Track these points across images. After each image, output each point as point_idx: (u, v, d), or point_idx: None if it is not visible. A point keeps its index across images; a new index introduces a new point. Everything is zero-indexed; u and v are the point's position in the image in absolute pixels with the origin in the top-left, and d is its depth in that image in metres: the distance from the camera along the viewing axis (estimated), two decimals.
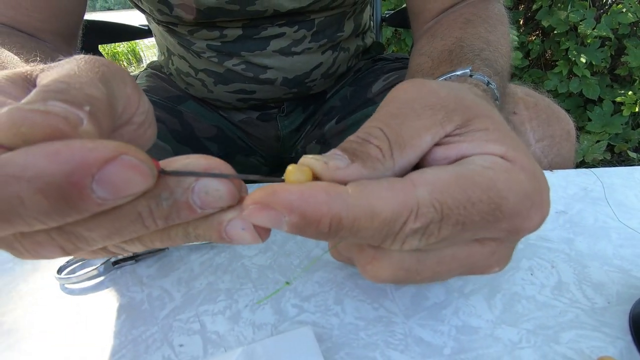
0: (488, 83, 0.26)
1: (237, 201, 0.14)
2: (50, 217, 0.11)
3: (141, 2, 0.48)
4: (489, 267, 0.17)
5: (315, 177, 0.14)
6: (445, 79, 0.26)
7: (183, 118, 0.55)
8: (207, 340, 0.24)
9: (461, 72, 0.25)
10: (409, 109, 0.16)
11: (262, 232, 0.14)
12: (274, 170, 0.66)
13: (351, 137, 0.16)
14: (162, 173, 0.13)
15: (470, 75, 0.25)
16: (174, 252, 0.32)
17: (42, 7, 0.40)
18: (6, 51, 0.32)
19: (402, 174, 0.15)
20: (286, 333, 0.23)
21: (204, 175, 0.13)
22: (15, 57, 0.29)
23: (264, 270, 0.29)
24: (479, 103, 0.17)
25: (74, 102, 0.12)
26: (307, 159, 0.15)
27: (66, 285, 0.29)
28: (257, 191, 0.13)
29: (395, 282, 0.18)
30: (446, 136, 0.16)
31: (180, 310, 0.26)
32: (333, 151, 0.15)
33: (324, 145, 0.58)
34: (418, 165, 0.17)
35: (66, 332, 0.25)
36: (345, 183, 0.14)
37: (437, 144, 0.16)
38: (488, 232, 0.15)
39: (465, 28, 0.36)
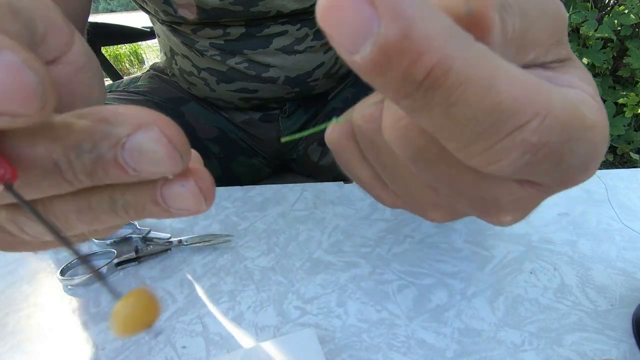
0: None
1: (182, 170, 0.11)
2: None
3: (146, 3, 0.49)
4: (503, 217, 0.14)
5: None
6: None
7: (185, 119, 0.56)
8: (210, 341, 0.24)
9: None
10: (540, 11, 0.12)
11: (207, 193, 0.12)
12: (276, 172, 0.66)
13: None
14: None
15: None
16: (177, 254, 0.32)
17: None
18: None
19: None
20: (289, 335, 0.23)
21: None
22: None
23: (267, 272, 0.29)
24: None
25: None
26: None
27: (69, 287, 0.29)
28: None
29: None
30: (542, 63, 0.13)
31: (183, 311, 0.26)
32: None
33: (325, 147, 0.59)
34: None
35: (69, 333, 0.25)
36: (484, 29, 0.10)
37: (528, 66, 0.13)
38: (565, 173, 0.12)
39: None
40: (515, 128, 0.10)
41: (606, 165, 1.51)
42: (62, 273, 0.30)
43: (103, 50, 0.83)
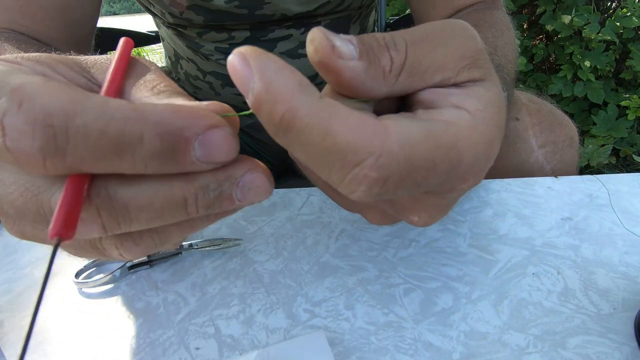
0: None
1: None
2: (154, 161, 0.12)
3: (152, 5, 0.50)
4: (410, 216, 0.16)
5: (314, 51, 0.13)
6: None
7: None
8: (223, 343, 0.25)
9: None
10: (443, 41, 0.15)
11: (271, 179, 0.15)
12: (280, 175, 0.67)
13: (377, 34, 0.14)
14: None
15: None
16: (187, 258, 0.33)
17: (56, 18, 0.41)
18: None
19: (385, 97, 0.14)
20: (300, 337, 0.23)
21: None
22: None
23: (276, 275, 0.30)
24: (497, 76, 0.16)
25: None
26: (316, 34, 0.13)
27: (84, 289, 0.30)
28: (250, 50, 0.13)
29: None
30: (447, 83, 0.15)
31: (195, 314, 0.27)
32: (351, 37, 0.14)
33: None
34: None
35: (86, 334, 0.26)
36: (335, 74, 0.13)
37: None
38: (434, 188, 0.15)
39: None
40: (354, 165, 0.12)
41: (609, 168, 1.51)
42: (77, 276, 0.31)
43: (108, 53, 0.84)
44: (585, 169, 1.45)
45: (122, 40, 0.17)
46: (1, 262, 0.33)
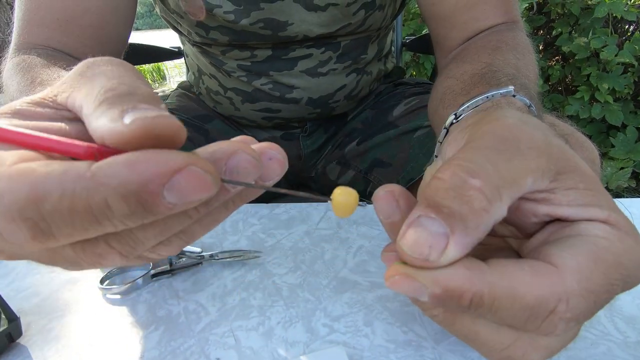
0: (530, 106, 0.25)
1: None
2: (131, 219, 0.12)
3: (180, 25, 0.52)
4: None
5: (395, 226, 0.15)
6: (488, 98, 0.24)
7: (209, 136, 0.58)
8: (243, 354, 0.25)
9: (504, 90, 0.24)
10: (512, 146, 0.15)
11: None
12: (294, 188, 0.68)
13: (444, 174, 0.14)
14: (222, 181, 0.14)
15: (514, 95, 0.25)
16: (208, 268, 0.33)
17: (91, 35, 0.43)
18: (53, 67, 0.35)
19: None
20: (319, 352, 0.24)
21: (259, 187, 0.15)
22: (60, 70, 0.32)
23: (294, 288, 0.30)
24: (566, 151, 0.17)
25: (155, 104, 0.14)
26: (404, 255, 0.14)
27: (108, 295, 0.31)
28: (398, 263, 0.14)
29: None
30: (536, 191, 0.15)
31: (215, 324, 0.27)
32: (424, 211, 0.14)
33: (344, 166, 0.60)
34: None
35: (109, 340, 0.27)
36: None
37: (530, 198, 0.16)
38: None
39: (494, 54, 0.36)
40: (548, 313, 0.14)
41: (629, 191, 1.47)
42: (102, 282, 0.31)
43: None
44: None
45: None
46: (27, 266, 0.34)
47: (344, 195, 0.16)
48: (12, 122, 0.15)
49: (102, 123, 0.13)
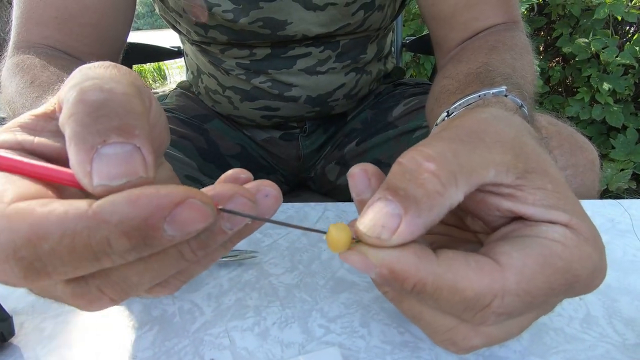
0: (521, 106, 0.25)
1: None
2: (130, 254, 0.12)
3: (179, 24, 0.52)
4: (542, 315, 0.18)
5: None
6: (480, 97, 0.25)
7: (209, 136, 0.58)
8: (237, 355, 0.25)
9: (496, 90, 0.25)
10: (477, 138, 0.16)
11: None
12: (293, 189, 0.68)
13: (403, 158, 0.15)
14: (221, 211, 0.14)
15: (505, 95, 0.25)
16: None
17: (91, 34, 0.43)
18: (52, 67, 0.35)
19: (460, 202, 0.15)
20: (314, 353, 0.23)
21: (255, 218, 0.15)
22: (60, 71, 0.32)
23: (291, 289, 0.30)
24: (539, 152, 0.17)
25: (132, 133, 0.14)
26: (359, 233, 0.15)
27: None
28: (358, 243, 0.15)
29: (477, 348, 0.18)
30: (501, 185, 0.16)
31: (210, 324, 0.27)
32: (382, 193, 0.15)
33: (343, 167, 0.60)
34: (461, 208, 0.16)
35: (103, 340, 0.26)
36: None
37: (494, 192, 0.16)
38: (557, 301, 0.17)
39: (490, 54, 0.36)
40: (482, 307, 0.15)
41: (629, 192, 1.47)
42: None
43: (132, 67, 0.88)
44: (605, 194, 1.41)
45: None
46: None
47: (338, 233, 0.16)
48: (17, 136, 0.15)
49: (73, 163, 0.13)
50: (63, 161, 0.14)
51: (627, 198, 0.40)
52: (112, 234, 0.12)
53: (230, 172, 0.17)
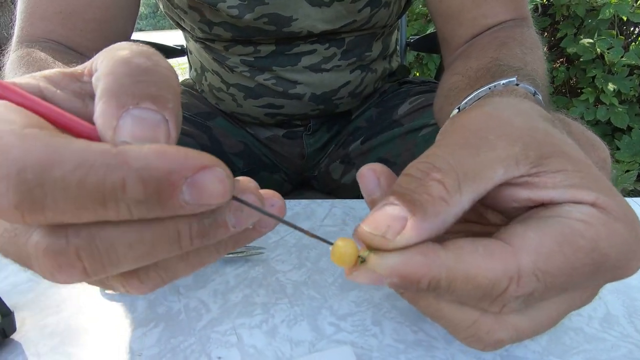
0: (535, 93, 0.24)
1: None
2: (138, 207, 0.12)
3: (183, 20, 0.51)
4: (579, 307, 0.17)
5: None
6: (490, 89, 0.24)
7: (212, 133, 0.57)
8: (245, 353, 0.24)
9: (506, 80, 0.24)
10: (480, 138, 0.15)
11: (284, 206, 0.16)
12: (296, 188, 0.67)
13: (410, 170, 0.15)
14: (234, 199, 0.13)
15: (517, 84, 0.24)
16: (210, 264, 0.32)
17: (95, 30, 0.43)
18: (58, 62, 0.34)
19: (468, 209, 0.15)
20: (326, 351, 0.22)
21: (266, 214, 0.14)
22: (63, 66, 0.31)
23: (299, 286, 0.29)
24: (553, 134, 0.16)
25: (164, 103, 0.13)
26: (363, 233, 0.14)
27: (106, 291, 0.30)
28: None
29: (504, 345, 0.17)
30: (520, 176, 0.15)
31: (217, 322, 0.26)
32: (389, 200, 0.14)
33: (347, 165, 0.59)
34: (480, 204, 0.16)
35: (107, 337, 0.26)
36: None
37: (509, 183, 0.15)
38: (587, 285, 0.16)
39: (500, 49, 0.35)
40: (500, 293, 0.14)
41: (635, 194, 1.46)
42: None
43: None
44: None
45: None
46: None
47: (345, 247, 0.15)
48: (40, 84, 0.15)
49: (98, 115, 0.13)
50: None
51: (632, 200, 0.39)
52: (129, 178, 0.11)
53: (238, 178, 0.16)
